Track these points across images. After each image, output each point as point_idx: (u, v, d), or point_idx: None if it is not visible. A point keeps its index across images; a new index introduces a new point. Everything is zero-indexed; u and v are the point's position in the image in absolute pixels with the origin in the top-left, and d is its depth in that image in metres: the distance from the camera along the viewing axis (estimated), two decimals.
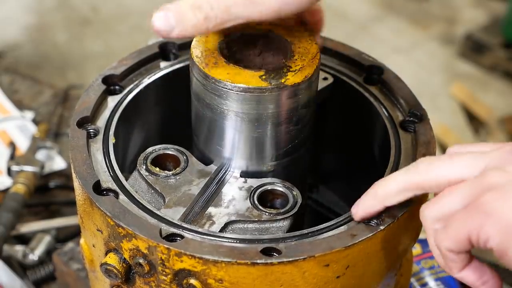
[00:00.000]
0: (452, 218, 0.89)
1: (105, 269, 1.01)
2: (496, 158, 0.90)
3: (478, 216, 0.85)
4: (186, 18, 0.99)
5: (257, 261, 0.93)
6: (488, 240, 0.85)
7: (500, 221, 0.84)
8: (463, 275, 0.92)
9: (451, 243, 0.89)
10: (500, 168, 0.88)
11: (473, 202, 0.87)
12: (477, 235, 0.86)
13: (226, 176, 1.13)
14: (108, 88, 1.20)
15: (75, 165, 1.06)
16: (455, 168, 0.92)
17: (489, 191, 0.86)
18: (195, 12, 0.99)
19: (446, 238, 0.89)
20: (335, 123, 1.31)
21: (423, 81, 4.10)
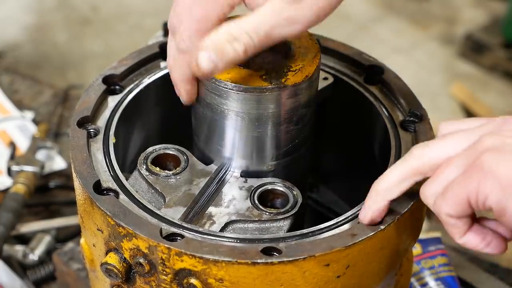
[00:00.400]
0: (451, 183, 0.89)
1: (105, 268, 1.01)
2: (489, 128, 0.91)
3: (476, 176, 0.86)
4: (226, 53, 0.97)
5: (257, 261, 0.93)
6: (487, 198, 0.85)
7: (498, 178, 0.84)
8: (466, 240, 0.92)
9: (450, 208, 0.89)
10: (495, 132, 0.88)
11: (469, 165, 0.87)
12: (475, 195, 0.86)
13: (226, 176, 1.13)
14: (109, 88, 1.20)
15: (76, 165, 1.06)
16: (449, 147, 0.92)
17: (486, 151, 0.86)
18: (234, 44, 0.96)
19: (445, 204, 0.89)
20: (335, 123, 1.31)
21: (423, 81, 4.10)
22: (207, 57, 0.96)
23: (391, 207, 1.00)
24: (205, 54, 0.96)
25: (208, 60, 0.96)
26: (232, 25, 0.97)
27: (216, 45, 0.96)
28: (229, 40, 0.96)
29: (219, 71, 0.98)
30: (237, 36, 0.96)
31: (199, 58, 0.97)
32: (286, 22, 0.96)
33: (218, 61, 0.97)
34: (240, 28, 0.96)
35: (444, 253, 1.55)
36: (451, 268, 1.54)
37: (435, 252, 1.55)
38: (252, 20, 0.96)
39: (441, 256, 1.55)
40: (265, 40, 0.97)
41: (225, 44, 0.96)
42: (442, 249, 1.56)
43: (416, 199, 1.02)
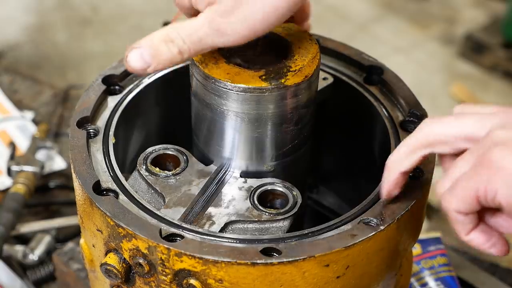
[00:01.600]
0: (459, 179, 0.89)
1: (105, 269, 1.01)
2: (503, 118, 0.90)
3: (485, 171, 0.85)
4: (161, 53, 1.02)
5: (257, 261, 0.93)
6: (496, 194, 0.85)
7: (507, 174, 0.84)
8: (471, 238, 0.92)
9: (459, 203, 0.89)
10: (506, 127, 0.88)
11: (479, 160, 0.87)
12: (484, 190, 0.85)
13: (226, 176, 1.13)
14: (108, 88, 1.20)
15: (75, 165, 1.06)
16: (462, 125, 0.92)
17: (496, 147, 0.85)
18: (169, 45, 1.01)
19: (454, 199, 0.89)
20: (335, 123, 1.31)
21: (423, 81, 4.10)
22: (139, 54, 1.01)
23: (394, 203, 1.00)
24: (136, 51, 1.02)
25: (140, 58, 1.01)
26: (171, 28, 1.02)
27: (152, 44, 1.02)
28: (165, 41, 1.01)
29: (152, 69, 1.02)
30: (173, 38, 1.01)
31: (129, 55, 1.02)
32: (217, 33, 1.01)
33: (151, 59, 1.01)
34: (178, 32, 1.01)
35: (444, 253, 1.55)
36: (451, 268, 1.54)
37: (435, 252, 1.55)
38: (187, 26, 1.02)
39: (441, 256, 1.55)
40: (199, 46, 1.02)
41: (160, 43, 1.01)
42: (442, 249, 1.56)
43: (416, 199, 1.02)
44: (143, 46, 1.02)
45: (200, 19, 1.01)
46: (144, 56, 1.01)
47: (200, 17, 1.01)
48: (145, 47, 1.01)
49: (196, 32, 1.01)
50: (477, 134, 0.90)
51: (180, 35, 1.01)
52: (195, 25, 1.01)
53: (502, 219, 0.91)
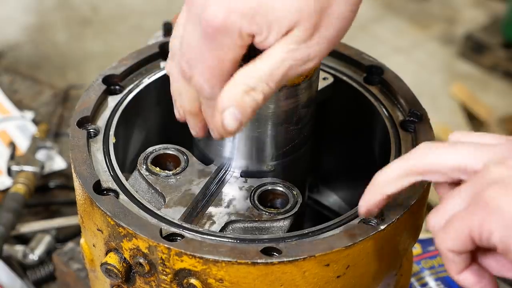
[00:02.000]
0: (454, 217, 0.87)
1: (105, 268, 1.01)
2: (500, 152, 0.88)
3: (480, 211, 0.84)
4: (247, 106, 0.92)
5: (257, 261, 0.93)
6: (491, 235, 0.83)
7: (503, 216, 0.82)
8: (463, 278, 0.90)
9: (452, 242, 0.87)
10: (503, 162, 0.86)
11: (474, 199, 0.85)
12: (479, 231, 0.84)
13: (226, 176, 1.13)
14: (109, 88, 1.20)
15: (75, 165, 1.06)
16: (457, 155, 0.89)
17: (491, 186, 0.84)
18: (252, 95, 0.91)
19: (447, 237, 0.87)
20: (335, 123, 1.31)
21: (423, 81, 4.10)
22: (231, 115, 0.92)
23: (392, 206, 1.00)
24: (228, 112, 0.92)
25: (233, 118, 0.93)
26: (246, 75, 0.92)
27: (235, 101, 0.92)
28: (247, 92, 0.92)
29: (243, 124, 0.94)
30: (254, 86, 0.92)
31: (225, 119, 0.93)
32: (300, 62, 0.92)
33: (241, 116, 0.93)
34: (255, 77, 0.91)
35: None
36: None
37: (435, 252, 1.55)
38: (265, 66, 0.91)
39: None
40: (281, 82, 0.93)
41: (244, 97, 0.92)
42: None
43: (416, 199, 1.02)
44: (230, 105, 0.92)
45: (277, 54, 0.90)
46: (236, 116, 0.92)
47: (276, 51, 0.90)
48: (233, 107, 0.92)
49: (277, 70, 0.91)
50: (473, 167, 0.88)
51: (260, 79, 0.91)
52: (273, 63, 0.91)
53: (493, 260, 0.90)
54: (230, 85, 0.92)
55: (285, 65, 0.91)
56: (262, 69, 0.91)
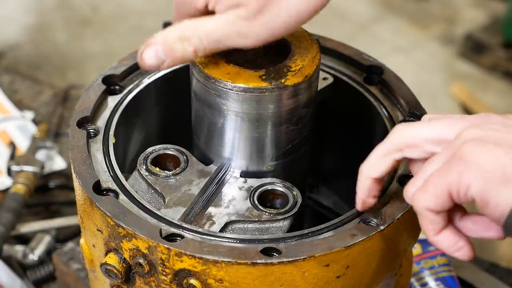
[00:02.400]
0: (431, 176, 0.88)
1: (105, 269, 1.01)
2: (473, 121, 0.90)
3: (457, 166, 0.85)
4: (176, 50, 1.01)
5: (257, 261, 0.93)
6: (469, 188, 0.84)
7: (480, 167, 0.83)
8: (440, 239, 0.91)
9: (430, 200, 0.88)
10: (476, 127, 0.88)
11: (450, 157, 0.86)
12: (457, 185, 0.85)
13: (226, 176, 1.13)
14: (108, 88, 1.20)
15: (75, 165, 1.06)
16: (432, 128, 0.92)
17: (466, 142, 0.85)
18: (184, 44, 1.00)
19: (425, 196, 0.88)
20: (335, 123, 1.31)
21: (423, 81, 4.09)
22: (154, 52, 1.01)
23: (390, 206, 1.00)
24: (152, 49, 1.01)
25: (154, 55, 1.01)
26: (187, 25, 1.01)
27: (166, 42, 1.01)
28: (180, 39, 1.00)
29: (165, 66, 1.02)
30: (189, 36, 1.00)
31: (144, 52, 1.01)
32: (237, 35, 1.00)
33: (166, 57, 1.01)
34: (194, 30, 1.00)
35: (444, 253, 1.55)
36: (451, 268, 1.54)
37: (435, 252, 1.55)
38: (206, 25, 1.00)
39: (441, 256, 1.55)
40: (215, 46, 1.01)
41: (175, 42, 1.00)
42: None
43: None
44: (159, 43, 1.01)
45: (221, 19, 1.00)
46: (158, 53, 1.01)
47: (220, 18, 1.00)
48: (160, 44, 1.01)
49: (215, 32, 1.00)
50: (447, 137, 0.90)
51: (197, 33, 1.00)
52: (215, 25, 1.00)
53: (470, 222, 0.91)
54: (170, 27, 1.02)
55: (223, 31, 1.00)
56: (202, 26, 1.00)
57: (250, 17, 0.98)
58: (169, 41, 1.01)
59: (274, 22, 0.99)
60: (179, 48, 1.00)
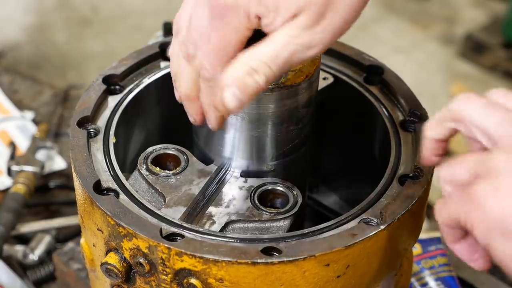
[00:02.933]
0: (450, 199, 0.89)
1: (105, 268, 1.01)
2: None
3: (468, 204, 0.86)
4: (248, 87, 0.93)
5: (257, 261, 0.93)
6: (472, 229, 0.85)
7: (485, 215, 0.84)
8: (455, 248, 0.93)
9: (445, 219, 0.90)
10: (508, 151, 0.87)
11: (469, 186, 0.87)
12: (464, 220, 0.86)
13: (226, 176, 1.13)
14: (109, 88, 1.20)
15: (76, 165, 1.06)
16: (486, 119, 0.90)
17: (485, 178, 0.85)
18: (255, 77, 0.93)
19: (442, 213, 0.90)
20: (335, 123, 1.31)
21: (423, 81, 4.10)
22: (232, 94, 0.94)
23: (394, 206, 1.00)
24: (229, 91, 0.94)
25: (234, 97, 0.94)
26: (249, 57, 0.93)
27: (237, 81, 0.93)
28: (249, 73, 0.93)
29: (244, 105, 0.96)
30: (256, 68, 0.93)
31: (225, 97, 0.94)
32: (303, 48, 0.93)
33: (243, 96, 0.94)
34: (259, 60, 0.93)
35: (444, 253, 1.55)
36: (451, 268, 1.54)
37: (435, 252, 1.55)
38: (269, 49, 0.93)
39: (441, 256, 1.55)
40: (284, 67, 0.94)
41: (246, 77, 0.93)
42: (442, 249, 1.56)
43: (416, 199, 1.02)
44: (232, 85, 0.94)
45: (282, 37, 0.92)
46: (238, 96, 0.94)
47: (280, 36, 0.92)
48: (234, 86, 0.93)
49: (280, 54, 0.92)
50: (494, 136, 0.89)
51: (263, 61, 0.92)
52: (278, 46, 0.92)
53: None
54: (233, 65, 0.94)
55: (289, 50, 0.92)
56: (266, 52, 0.92)
57: (312, 24, 0.92)
58: (241, 79, 0.93)
59: (337, 22, 0.93)
60: (251, 83, 0.93)
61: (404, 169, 1.08)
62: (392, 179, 1.07)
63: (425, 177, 1.05)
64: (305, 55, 0.94)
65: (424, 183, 1.04)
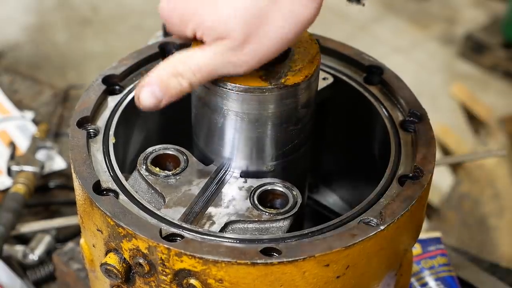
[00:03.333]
0: None
1: (105, 269, 1.01)
2: None
3: None
4: (171, 87, 1.02)
5: (257, 261, 0.93)
6: None
7: None
8: None
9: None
10: None
11: None
12: None
13: (226, 176, 1.13)
14: (108, 88, 1.20)
15: (75, 165, 1.06)
16: None
17: None
18: (179, 79, 1.01)
19: None
20: (335, 123, 1.31)
21: (423, 81, 4.10)
22: (150, 92, 1.02)
23: (392, 207, 1.00)
24: (148, 90, 1.02)
25: (151, 95, 1.02)
26: (178, 61, 1.02)
27: (161, 81, 1.02)
28: (174, 75, 1.01)
29: (163, 104, 1.03)
30: (181, 72, 1.01)
31: (141, 95, 1.03)
32: (228, 65, 1.01)
33: (163, 95, 1.02)
34: (186, 65, 1.01)
35: (444, 253, 1.55)
36: (451, 268, 1.54)
37: (435, 252, 1.55)
38: (197, 58, 1.01)
39: (441, 256, 1.55)
40: (209, 77, 1.02)
41: (170, 78, 1.01)
42: (442, 249, 1.56)
43: (416, 199, 1.02)
44: (153, 84, 1.02)
45: (210, 52, 1.01)
46: (155, 93, 1.02)
47: (209, 50, 1.01)
48: (155, 84, 1.02)
49: (206, 65, 1.01)
50: None
51: (189, 68, 1.01)
52: (205, 58, 1.01)
53: None
54: (162, 64, 1.03)
55: (214, 63, 1.01)
56: (193, 59, 1.01)
57: (237, 48, 0.99)
58: (164, 79, 1.02)
59: (261, 49, 0.99)
60: (174, 85, 1.02)
61: (404, 169, 1.08)
62: (392, 180, 1.07)
63: (425, 177, 1.05)
64: (230, 71, 1.02)
65: (424, 183, 1.04)
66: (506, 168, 2.85)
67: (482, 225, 2.72)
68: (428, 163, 1.06)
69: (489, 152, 2.64)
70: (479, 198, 2.77)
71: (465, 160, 2.75)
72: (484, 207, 2.75)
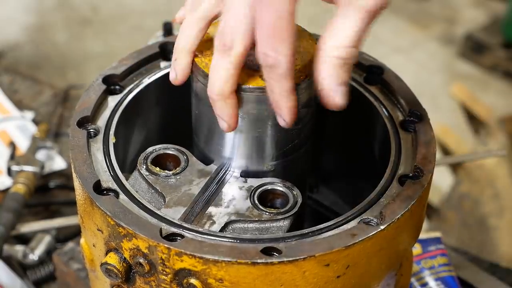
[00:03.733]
0: None
1: (105, 268, 1.01)
2: None
3: None
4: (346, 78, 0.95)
5: (257, 261, 0.93)
6: None
7: None
8: None
9: None
10: None
11: None
12: None
13: (226, 176, 1.13)
14: (109, 88, 1.20)
15: (75, 165, 1.06)
16: None
17: None
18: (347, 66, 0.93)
19: None
20: (335, 123, 1.31)
21: (423, 81, 4.10)
22: (340, 92, 0.94)
23: (393, 207, 1.00)
24: (344, 88, 0.93)
25: (343, 94, 0.95)
26: (335, 47, 0.91)
27: (339, 78, 0.93)
28: (341, 66, 0.92)
29: None
30: (347, 56, 0.91)
31: (336, 98, 0.94)
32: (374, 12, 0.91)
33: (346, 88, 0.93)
34: (346, 46, 0.90)
35: (444, 253, 1.56)
36: (451, 268, 1.55)
37: (435, 252, 1.55)
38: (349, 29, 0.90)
39: (441, 256, 1.55)
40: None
41: (341, 72, 0.93)
42: (442, 249, 1.56)
43: (416, 199, 1.02)
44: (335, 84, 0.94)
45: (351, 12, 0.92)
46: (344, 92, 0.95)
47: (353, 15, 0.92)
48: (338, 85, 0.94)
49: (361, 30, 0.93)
50: None
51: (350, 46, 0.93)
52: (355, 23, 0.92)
53: None
54: (324, 63, 0.91)
55: (365, 20, 0.90)
56: (349, 34, 0.89)
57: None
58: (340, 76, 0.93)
59: None
60: (346, 73, 0.93)
61: (404, 169, 1.08)
62: (392, 179, 1.07)
63: (425, 177, 1.05)
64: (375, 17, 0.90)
65: (424, 183, 1.04)
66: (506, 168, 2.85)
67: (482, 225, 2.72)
68: (428, 163, 1.06)
69: (489, 152, 2.64)
70: (479, 198, 2.77)
71: (465, 160, 2.75)
72: (484, 207, 2.76)
